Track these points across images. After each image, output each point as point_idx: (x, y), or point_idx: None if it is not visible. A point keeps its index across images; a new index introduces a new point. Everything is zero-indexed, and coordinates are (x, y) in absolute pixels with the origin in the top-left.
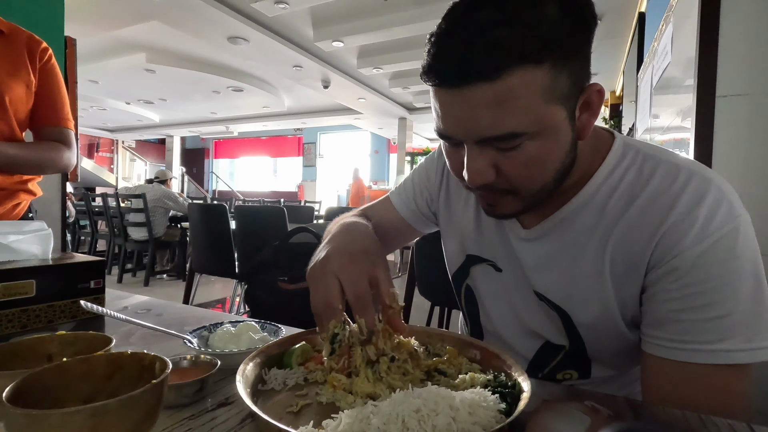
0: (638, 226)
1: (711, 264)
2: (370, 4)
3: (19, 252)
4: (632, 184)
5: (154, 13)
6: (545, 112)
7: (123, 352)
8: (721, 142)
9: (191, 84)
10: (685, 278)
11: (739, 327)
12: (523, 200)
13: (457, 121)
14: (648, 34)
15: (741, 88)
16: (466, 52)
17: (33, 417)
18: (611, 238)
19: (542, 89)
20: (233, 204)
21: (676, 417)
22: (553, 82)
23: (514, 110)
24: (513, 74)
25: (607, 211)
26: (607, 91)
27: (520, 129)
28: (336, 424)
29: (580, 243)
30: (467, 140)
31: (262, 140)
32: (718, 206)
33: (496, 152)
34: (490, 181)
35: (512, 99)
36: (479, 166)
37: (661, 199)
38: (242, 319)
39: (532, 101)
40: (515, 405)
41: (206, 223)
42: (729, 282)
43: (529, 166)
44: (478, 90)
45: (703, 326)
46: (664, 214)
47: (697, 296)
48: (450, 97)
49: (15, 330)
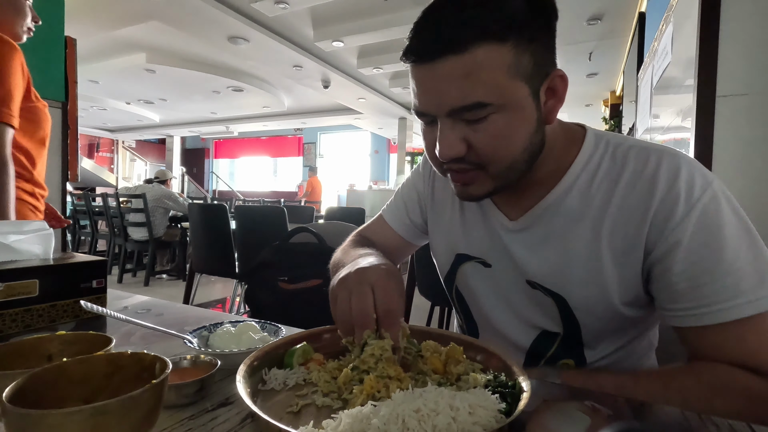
0: (627, 209)
1: (707, 227)
2: (370, 4)
3: (21, 252)
4: (609, 170)
5: (154, 13)
6: (509, 85)
7: (123, 352)
8: (721, 142)
9: (191, 84)
10: (688, 248)
11: (750, 277)
12: (493, 178)
13: (431, 94)
14: (648, 34)
15: (741, 88)
16: (438, 30)
17: (33, 417)
18: (605, 221)
19: (506, 65)
20: (233, 204)
21: (676, 417)
22: (516, 60)
23: (480, 82)
24: (479, 49)
25: (593, 196)
26: (607, 91)
27: (486, 99)
28: (336, 424)
29: (569, 228)
30: (440, 113)
31: (262, 140)
32: (693, 177)
33: (466, 126)
34: (461, 154)
35: (478, 71)
36: (451, 139)
37: (641, 182)
38: (242, 319)
39: (496, 74)
40: (515, 405)
41: (206, 223)
42: (728, 240)
43: (496, 139)
44: (448, 63)
45: (719, 285)
46: (648, 196)
47: (705, 260)
48: (424, 71)
49: (18, 329)
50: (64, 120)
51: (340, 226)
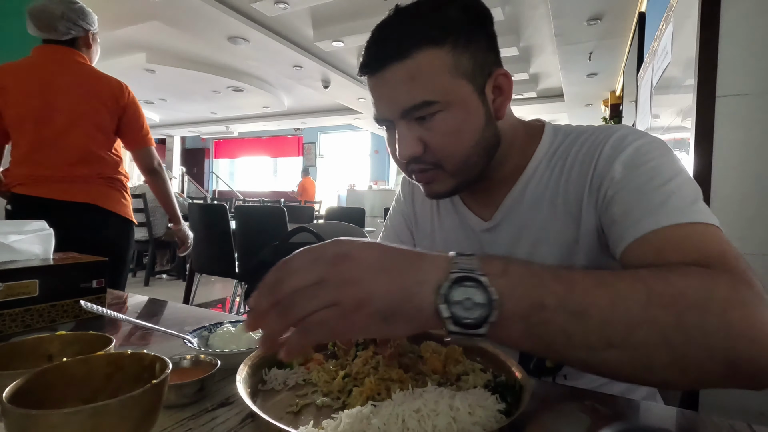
0: (576, 176)
1: (636, 160)
2: (370, 4)
3: (21, 252)
4: (563, 152)
5: (154, 13)
6: (451, 83)
7: (123, 352)
8: (721, 142)
9: (191, 84)
10: (620, 180)
11: (680, 200)
12: (452, 174)
13: (384, 100)
14: (648, 34)
15: (741, 88)
16: (383, 42)
17: (33, 417)
18: (559, 196)
19: (446, 65)
20: (233, 204)
21: (676, 416)
22: (455, 61)
23: (424, 82)
24: (420, 53)
25: (549, 178)
26: (607, 91)
27: (431, 97)
28: (336, 424)
29: (533, 215)
30: (395, 117)
31: (262, 140)
32: (628, 132)
33: (420, 127)
34: (418, 153)
35: (421, 73)
36: (408, 139)
37: (586, 151)
38: (242, 319)
39: (438, 74)
40: (515, 405)
41: (206, 223)
42: (658, 170)
43: (447, 136)
44: (394, 69)
45: (646, 205)
46: (590, 158)
47: (634, 186)
48: (376, 80)
49: (18, 329)
50: None
51: (340, 226)
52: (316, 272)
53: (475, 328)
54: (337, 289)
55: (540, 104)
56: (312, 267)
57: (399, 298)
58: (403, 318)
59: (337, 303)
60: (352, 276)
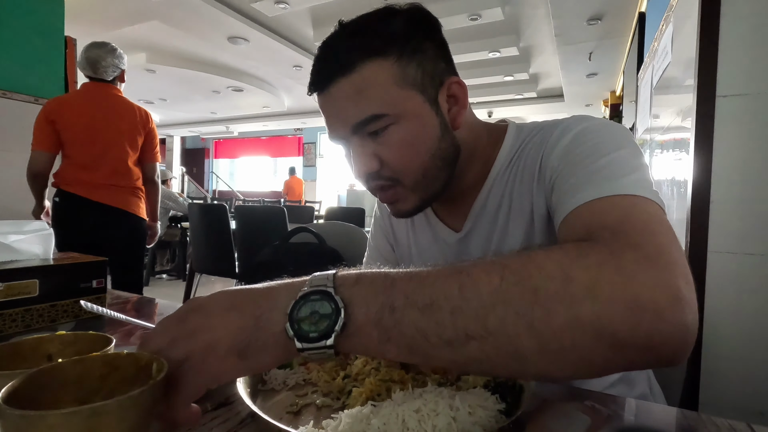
0: (527, 166)
1: (579, 140)
2: (370, 4)
3: (20, 252)
4: (521, 150)
5: (154, 13)
6: (399, 95)
7: (119, 353)
8: (721, 142)
9: (191, 84)
10: (558, 166)
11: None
12: (413, 190)
13: (334, 117)
14: (648, 34)
15: (741, 88)
16: (327, 59)
17: (30, 418)
18: (515, 190)
19: (393, 76)
20: (233, 204)
21: (676, 416)
22: (402, 71)
23: (371, 96)
24: (364, 66)
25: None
26: (607, 91)
27: (380, 110)
28: (336, 424)
29: (498, 217)
30: (345, 134)
31: (262, 140)
32: (579, 119)
33: (373, 142)
34: (374, 169)
35: (368, 87)
36: (362, 155)
37: (541, 141)
38: None
39: (385, 86)
40: (515, 405)
41: (206, 223)
42: (596, 143)
43: (401, 149)
44: (340, 85)
45: (581, 175)
46: (542, 146)
47: (572, 159)
48: (324, 99)
49: (18, 329)
50: None
51: (340, 226)
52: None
53: (320, 341)
54: (186, 342)
55: (540, 104)
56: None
57: (250, 330)
58: (257, 349)
59: (189, 356)
60: (198, 325)
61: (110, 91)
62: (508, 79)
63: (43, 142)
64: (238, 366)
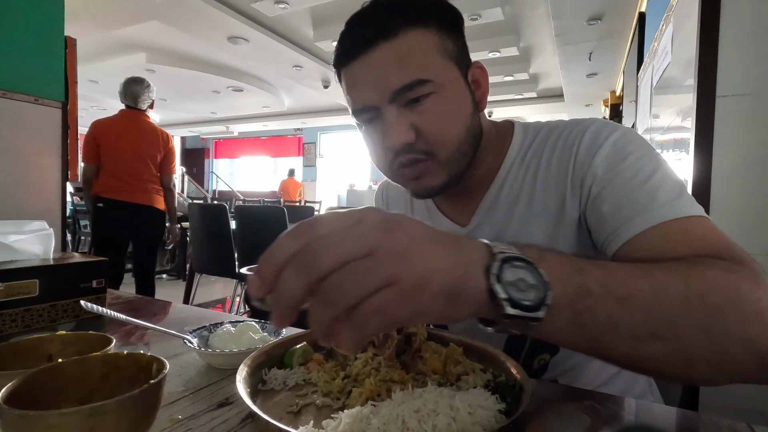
0: (553, 172)
1: (616, 155)
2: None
3: (21, 252)
4: (536, 150)
5: (154, 13)
6: (442, 63)
7: (119, 353)
8: (721, 142)
9: (191, 84)
10: (603, 177)
11: (666, 193)
12: (444, 165)
13: (370, 84)
14: (648, 34)
15: (741, 88)
16: (366, 24)
17: (30, 418)
18: (536, 194)
19: (435, 46)
20: (233, 204)
21: (676, 416)
22: (443, 43)
23: (415, 60)
24: (408, 33)
25: (523, 177)
26: (607, 91)
27: (425, 75)
28: (336, 424)
29: (509, 215)
30: (382, 102)
31: (262, 140)
32: (601, 125)
33: (410, 112)
34: (411, 140)
35: (411, 52)
36: (398, 125)
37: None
38: (242, 319)
39: (428, 53)
40: (515, 405)
41: (206, 223)
42: (639, 163)
43: (441, 119)
44: (382, 49)
45: (636, 203)
46: (568, 153)
47: (618, 183)
48: (359, 65)
49: (18, 329)
50: (64, 120)
51: None
52: (365, 240)
53: (533, 311)
54: (394, 263)
55: (540, 104)
56: (357, 233)
57: (459, 275)
58: (463, 300)
59: (396, 281)
60: (407, 245)
61: (142, 117)
62: (508, 79)
63: (88, 157)
64: (444, 311)
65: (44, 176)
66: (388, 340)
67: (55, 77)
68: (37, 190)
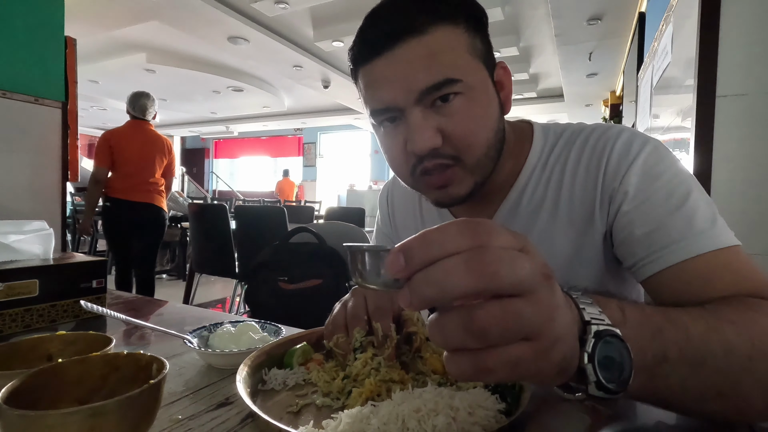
0: (579, 181)
1: (650, 175)
2: (370, 4)
3: (21, 252)
4: (559, 155)
5: (154, 13)
6: (472, 63)
7: (119, 353)
8: (721, 142)
9: (191, 84)
10: (635, 197)
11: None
12: (472, 171)
13: (395, 82)
14: (648, 34)
15: (741, 88)
16: (392, 19)
17: (30, 418)
18: (560, 201)
19: (464, 45)
20: (233, 204)
21: (676, 416)
22: (472, 41)
23: (445, 58)
24: (438, 30)
25: (546, 183)
26: (607, 91)
27: (455, 75)
28: (336, 424)
29: (531, 222)
30: (408, 102)
31: (262, 140)
32: (631, 137)
33: (437, 115)
34: (438, 144)
35: (441, 50)
36: (424, 129)
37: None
38: (242, 319)
39: (458, 52)
40: (515, 405)
41: (206, 223)
42: (672, 185)
43: (470, 122)
44: (410, 45)
45: (671, 227)
46: (596, 164)
47: (653, 205)
48: (384, 62)
49: (18, 329)
50: (64, 120)
51: (340, 226)
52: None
53: (616, 394)
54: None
55: (540, 104)
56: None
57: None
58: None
59: (537, 338)
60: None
61: (147, 126)
62: None
63: (103, 162)
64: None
65: (44, 176)
66: (387, 340)
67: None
68: (37, 190)
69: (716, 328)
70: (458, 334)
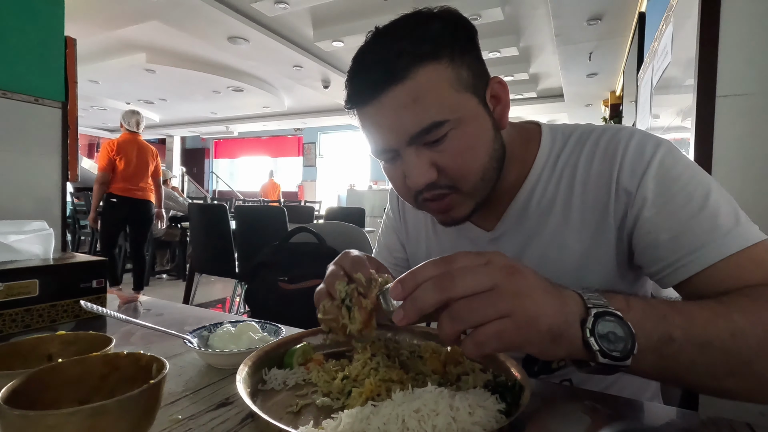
0: (592, 184)
1: (668, 179)
2: (370, 4)
3: (21, 252)
4: (568, 157)
5: (154, 13)
6: (458, 99)
7: (119, 353)
8: (721, 142)
9: (191, 84)
10: (655, 202)
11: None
12: (470, 195)
13: (385, 129)
14: (648, 34)
15: (741, 88)
16: (374, 68)
17: (30, 418)
18: (573, 203)
19: (448, 80)
20: (233, 204)
21: (676, 416)
22: (456, 74)
23: (430, 102)
24: (419, 72)
25: (557, 184)
26: (607, 91)
27: (441, 117)
28: (336, 424)
29: (542, 223)
30: (400, 145)
31: (262, 140)
32: (643, 139)
33: (430, 150)
34: (432, 179)
35: (425, 93)
36: (418, 166)
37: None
38: (242, 319)
39: (443, 91)
40: (515, 405)
41: (206, 223)
42: (691, 187)
43: (462, 154)
44: (393, 93)
45: (697, 230)
46: (609, 167)
47: (675, 210)
48: (373, 110)
49: (18, 329)
50: (64, 120)
51: (340, 226)
52: (491, 278)
53: (622, 361)
54: (511, 300)
55: (540, 104)
56: (485, 271)
57: (561, 322)
58: (564, 342)
59: (510, 314)
60: (523, 289)
61: (139, 137)
62: (508, 79)
63: (106, 168)
64: (547, 347)
65: (44, 176)
66: (372, 283)
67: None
68: (37, 190)
69: (723, 313)
70: (448, 324)
